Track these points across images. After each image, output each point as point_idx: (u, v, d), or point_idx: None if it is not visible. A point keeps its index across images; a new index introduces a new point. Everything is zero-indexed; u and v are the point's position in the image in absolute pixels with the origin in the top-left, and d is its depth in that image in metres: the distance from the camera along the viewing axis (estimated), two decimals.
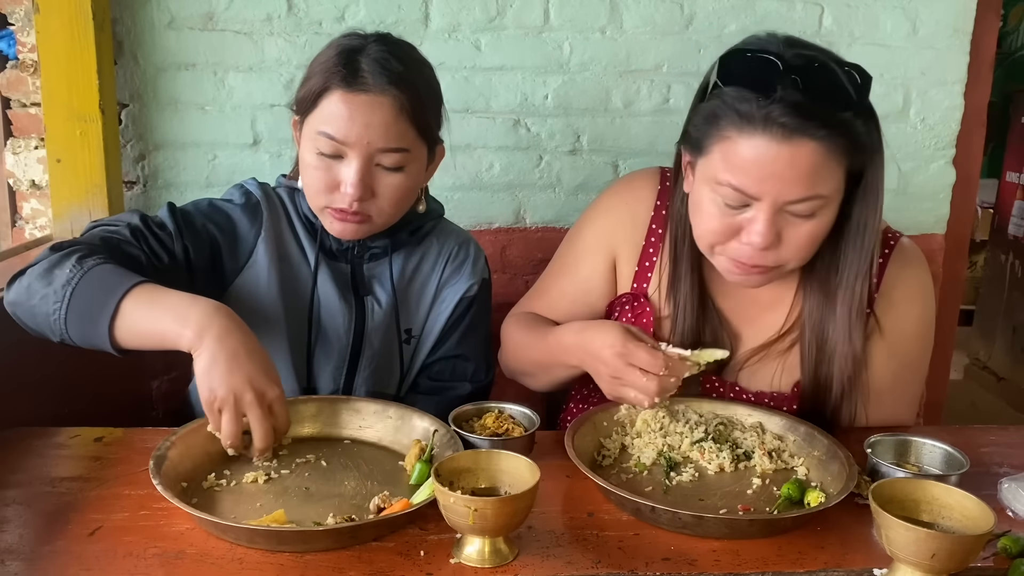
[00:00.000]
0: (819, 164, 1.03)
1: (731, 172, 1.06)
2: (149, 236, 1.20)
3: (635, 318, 1.30)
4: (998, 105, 3.02)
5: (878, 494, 0.85)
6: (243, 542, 0.88)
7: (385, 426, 1.15)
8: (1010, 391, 3.66)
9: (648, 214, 1.31)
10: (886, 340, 1.22)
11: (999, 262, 3.82)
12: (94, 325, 1.03)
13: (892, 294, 1.22)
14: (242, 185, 1.34)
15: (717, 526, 0.93)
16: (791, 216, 1.07)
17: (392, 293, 1.33)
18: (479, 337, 1.41)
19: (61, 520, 0.92)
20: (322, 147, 1.17)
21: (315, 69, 1.20)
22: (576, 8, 1.87)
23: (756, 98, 1.02)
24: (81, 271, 1.05)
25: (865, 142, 1.07)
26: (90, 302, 1.04)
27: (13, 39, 1.84)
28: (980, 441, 1.20)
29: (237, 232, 1.29)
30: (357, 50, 1.18)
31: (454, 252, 1.39)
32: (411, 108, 1.18)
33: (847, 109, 1.03)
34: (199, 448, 1.05)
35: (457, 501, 0.84)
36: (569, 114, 1.93)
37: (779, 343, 1.24)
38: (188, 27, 1.80)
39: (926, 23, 1.96)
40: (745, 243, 1.09)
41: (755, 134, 1.03)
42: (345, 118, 1.16)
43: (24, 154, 1.88)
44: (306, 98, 1.20)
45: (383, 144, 1.17)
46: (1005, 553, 0.90)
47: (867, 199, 1.12)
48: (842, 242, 1.15)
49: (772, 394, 1.26)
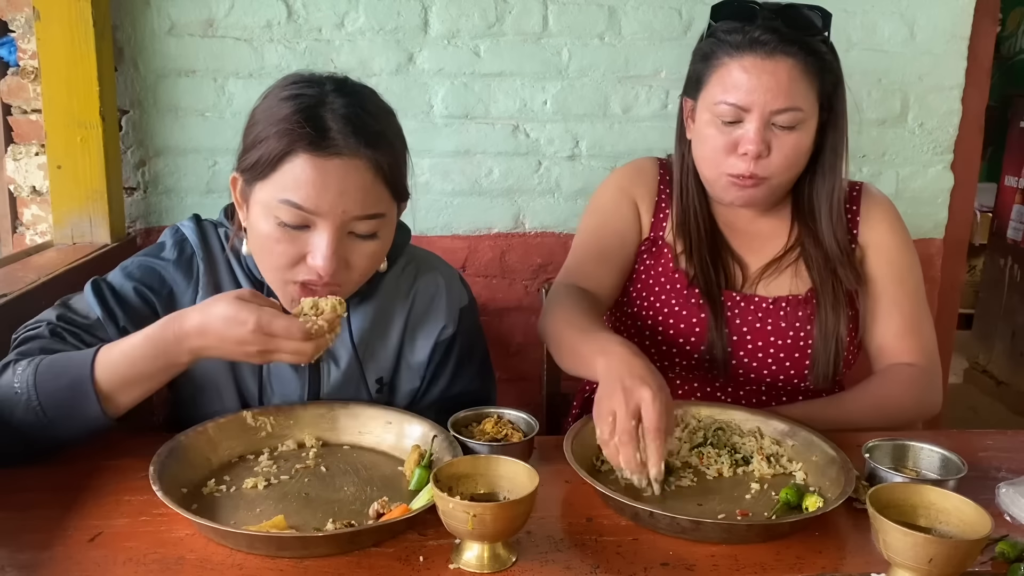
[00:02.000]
0: (796, 78, 1.25)
1: (726, 91, 1.27)
2: (76, 329, 1.09)
3: (654, 260, 1.43)
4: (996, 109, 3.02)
5: (876, 499, 0.85)
6: (243, 548, 0.88)
7: (384, 431, 1.15)
8: (1009, 395, 3.66)
9: (655, 179, 1.47)
10: (877, 255, 1.40)
11: (998, 266, 3.83)
12: (77, 403, 0.98)
13: (869, 215, 1.42)
14: (178, 230, 1.20)
15: (715, 531, 0.93)
16: (776, 129, 1.27)
17: (353, 349, 1.20)
18: (474, 367, 1.30)
19: (61, 526, 0.92)
20: (285, 217, 1.03)
21: (267, 127, 1.04)
22: (575, 14, 1.88)
23: (742, 26, 1.27)
24: (32, 367, 0.99)
25: (832, 65, 1.30)
26: (61, 386, 0.98)
27: (14, 46, 1.84)
28: (978, 445, 1.20)
29: (173, 293, 1.16)
30: (319, 103, 1.03)
31: (420, 288, 1.26)
32: (387, 169, 1.06)
33: (815, 36, 1.28)
34: (199, 454, 1.05)
35: (456, 506, 0.84)
36: (568, 120, 1.93)
37: (785, 258, 1.40)
38: (188, 34, 1.81)
39: (924, 28, 1.97)
40: (741, 153, 1.27)
41: (744, 54, 1.26)
42: (316, 185, 1.01)
43: (25, 160, 1.89)
44: (261, 162, 1.03)
45: (359, 211, 1.04)
46: (1002, 558, 0.90)
47: (837, 124, 1.34)
48: (818, 166, 1.36)
49: (789, 297, 1.37)
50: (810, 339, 1.35)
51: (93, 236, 1.74)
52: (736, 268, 1.41)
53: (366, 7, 1.83)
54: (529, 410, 1.15)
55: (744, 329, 1.37)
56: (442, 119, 1.90)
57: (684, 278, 1.39)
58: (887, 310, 1.38)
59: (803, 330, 1.35)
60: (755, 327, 1.36)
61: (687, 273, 1.39)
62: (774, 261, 1.40)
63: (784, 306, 1.36)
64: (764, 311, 1.37)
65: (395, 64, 1.86)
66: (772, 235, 1.42)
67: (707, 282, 1.37)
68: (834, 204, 1.36)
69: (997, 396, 3.73)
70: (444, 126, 1.90)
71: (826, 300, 1.34)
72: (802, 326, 1.35)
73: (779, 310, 1.36)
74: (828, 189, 1.36)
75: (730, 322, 1.37)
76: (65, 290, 1.19)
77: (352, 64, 1.83)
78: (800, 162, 1.31)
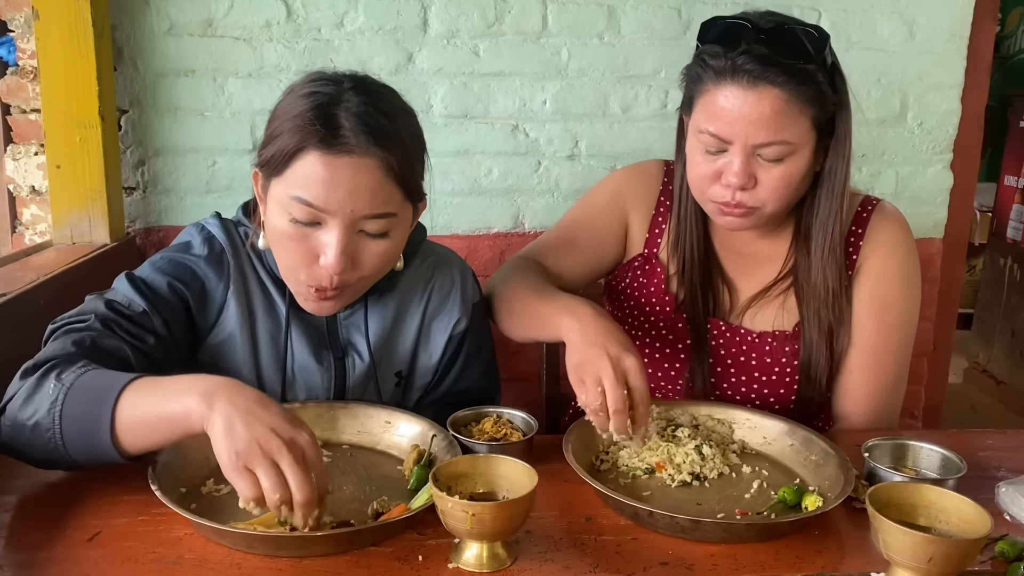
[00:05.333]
0: (782, 110, 1.16)
1: (708, 120, 1.20)
2: (123, 321, 1.07)
3: (646, 278, 1.40)
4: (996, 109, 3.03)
5: (875, 498, 0.85)
6: (241, 547, 0.88)
7: (383, 431, 1.15)
8: (1009, 395, 3.66)
9: (657, 187, 1.43)
10: (866, 282, 1.31)
11: (997, 266, 3.83)
12: (95, 439, 0.91)
13: (873, 238, 1.32)
14: (203, 227, 1.20)
15: (715, 530, 0.93)
16: (762, 160, 1.19)
17: (369, 347, 1.22)
18: (481, 365, 1.32)
19: (60, 526, 0.92)
20: (297, 214, 1.04)
21: (283, 123, 1.05)
22: (574, 14, 1.88)
23: (725, 52, 1.17)
24: (63, 387, 0.93)
25: (827, 93, 1.19)
26: (83, 417, 0.91)
27: (13, 45, 1.84)
28: (978, 445, 1.20)
29: (205, 288, 1.16)
30: (333, 102, 1.04)
31: (437, 283, 1.28)
32: (398, 169, 1.05)
33: (807, 62, 1.16)
34: (198, 453, 1.04)
35: (455, 506, 0.84)
36: (567, 119, 1.93)
37: (775, 288, 1.34)
38: (187, 33, 1.80)
39: (923, 28, 1.96)
40: (725, 184, 1.21)
41: (726, 83, 1.17)
42: (325, 183, 1.02)
43: (24, 160, 1.88)
44: (276, 158, 1.05)
45: (368, 211, 1.04)
46: (1002, 557, 0.90)
47: (837, 149, 1.24)
48: (819, 190, 1.27)
49: (775, 333, 1.32)
50: (796, 374, 1.31)
51: (92, 236, 1.74)
52: (726, 295, 1.37)
53: (365, 7, 1.82)
54: (528, 410, 1.15)
55: (728, 361, 1.34)
56: (441, 119, 1.90)
57: (673, 301, 1.36)
58: (854, 357, 1.30)
59: (789, 365, 1.31)
60: (739, 360, 1.33)
61: (677, 297, 1.36)
62: (763, 292, 1.34)
63: (770, 341, 1.32)
64: (749, 344, 1.33)
65: (394, 64, 1.86)
66: (769, 259, 1.35)
67: (694, 309, 1.34)
68: (830, 233, 1.27)
69: (997, 395, 3.73)
70: (443, 126, 1.90)
71: (812, 336, 1.29)
72: (788, 362, 1.31)
73: (764, 344, 1.32)
74: (825, 217, 1.27)
75: (714, 352, 1.34)
76: (65, 289, 1.19)
77: (351, 64, 1.82)
78: (793, 191, 1.23)
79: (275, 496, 0.83)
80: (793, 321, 1.32)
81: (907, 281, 1.32)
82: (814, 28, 1.18)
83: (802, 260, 1.30)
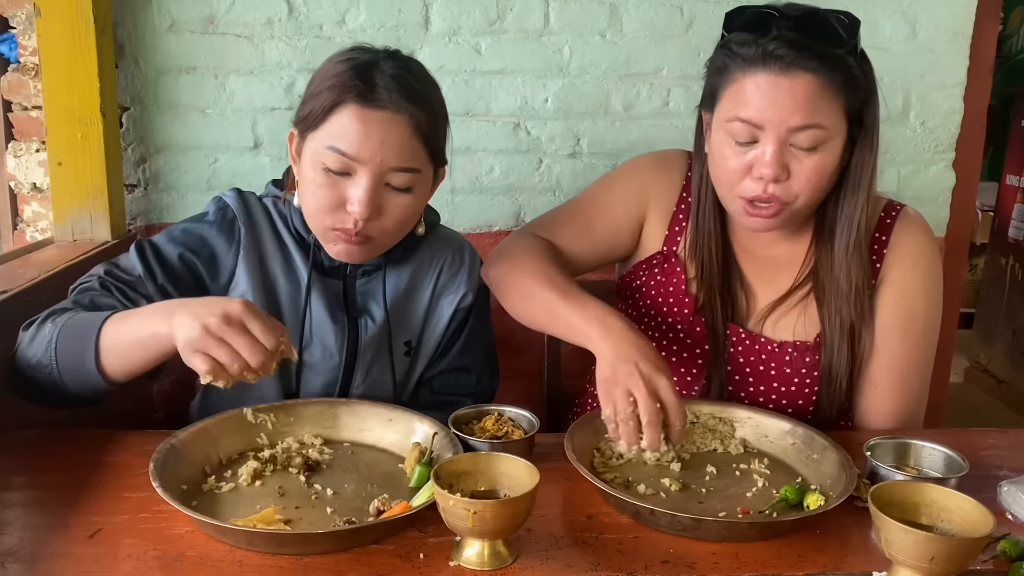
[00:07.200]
0: (815, 94, 1.13)
1: (739, 107, 1.16)
2: (121, 284, 1.17)
3: (665, 278, 1.36)
4: (998, 108, 3.02)
5: (877, 497, 0.85)
6: (243, 545, 0.88)
7: (385, 429, 1.15)
8: (1010, 394, 3.66)
9: (680, 182, 1.38)
10: (891, 292, 1.28)
11: (999, 265, 3.83)
12: (84, 370, 1.03)
13: (898, 246, 1.30)
14: (220, 198, 1.28)
15: (716, 529, 0.93)
16: (795, 149, 1.16)
17: (387, 309, 1.29)
18: (481, 346, 1.38)
19: (61, 523, 0.92)
20: (330, 163, 1.13)
21: (323, 83, 1.15)
22: (576, 12, 1.88)
23: (755, 39, 1.15)
24: (57, 328, 1.06)
25: (859, 79, 1.17)
26: (74, 351, 1.04)
27: (14, 42, 1.84)
28: (980, 444, 1.20)
29: (215, 254, 1.24)
30: (371, 65, 1.14)
31: (448, 261, 1.35)
32: (425, 128, 1.15)
33: (838, 46, 1.14)
34: (199, 451, 1.05)
35: (457, 504, 0.84)
36: (569, 117, 1.93)
37: (795, 294, 1.31)
38: (189, 31, 1.80)
39: (925, 27, 1.96)
40: (757, 176, 1.17)
41: (757, 70, 1.15)
42: (359, 134, 1.11)
43: (25, 157, 1.88)
44: (314, 113, 1.14)
45: (396, 163, 1.13)
46: (1004, 556, 0.90)
47: (865, 141, 1.21)
48: (844, 183, 1.24)
49: (795, 343, 1.29)
50: (816, 385, 1.29)
51: (94, 233, 1.74)
52: (745, 300, 1.33)
53: (367, 4, 1.82)
54: (530, 408, 1.15)
55: (747, 369, 1.31)
56: None
57: (693, 303, 1.32)
58: (879, 371, 1.29)
59: (809, 376, 1.29)
60: (758, 369, 1.30)
61: (697, 299, 1.32)
62: (784, 298, 1.30)
63: (791, 351, 1.29)
64: (769, 354, 1.30)
65: None
66: (789, 262, 1.32)
67: (713, 314, 1.31)
68: (855, 231, 1.23)
69: (998, 395, 3.73)
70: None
71: (833, 344, 1.26)
72: (808, 372, 1.28)
73: (784, 355, 1.29)
74: (851, 211, 1.23)
75: (732, 359, 1.31)
76: (66, 287, 1.19)
77: None
78: (825, 185, 1.19)
79: (234, 366, 0.95)
80: (814, 331, 1.29)
81: (932, 292, 1.30)
82: (844, 14, 1.16)
83: (824, 257, 1.27)
